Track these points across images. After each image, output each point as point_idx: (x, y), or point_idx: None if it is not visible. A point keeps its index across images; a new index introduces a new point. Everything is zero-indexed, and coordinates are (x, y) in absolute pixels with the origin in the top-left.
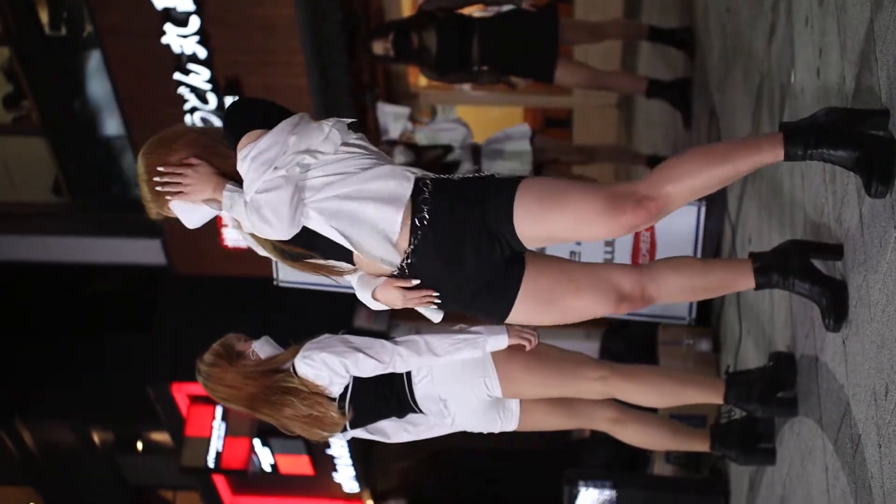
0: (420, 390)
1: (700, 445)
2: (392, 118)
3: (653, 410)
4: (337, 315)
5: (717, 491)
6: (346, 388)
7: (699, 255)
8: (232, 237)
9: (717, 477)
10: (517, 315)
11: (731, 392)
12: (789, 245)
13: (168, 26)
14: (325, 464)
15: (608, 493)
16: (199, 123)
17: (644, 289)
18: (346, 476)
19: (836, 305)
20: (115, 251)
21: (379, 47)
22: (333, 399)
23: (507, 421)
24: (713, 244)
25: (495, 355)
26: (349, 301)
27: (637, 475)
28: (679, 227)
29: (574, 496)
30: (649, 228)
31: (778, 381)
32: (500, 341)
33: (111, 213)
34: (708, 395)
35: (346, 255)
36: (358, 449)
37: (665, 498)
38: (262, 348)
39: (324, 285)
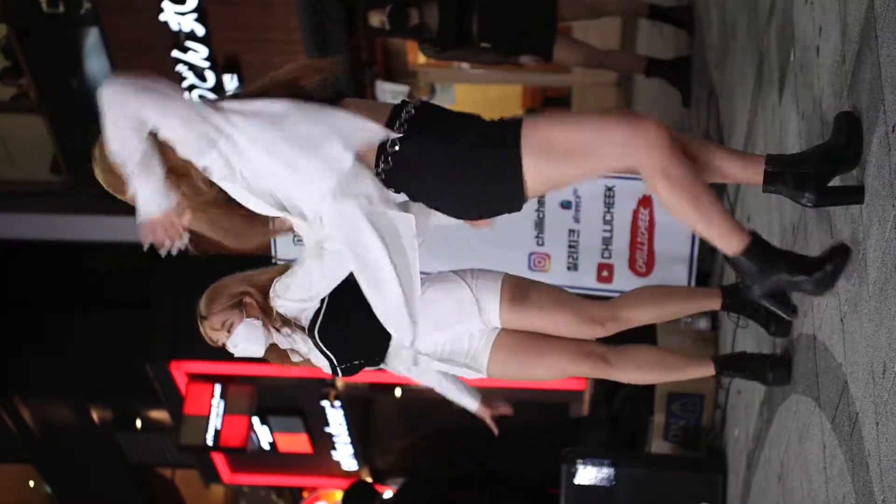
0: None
1: (703, 371)
2: (391, 96)
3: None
4: None
5: (714, 469)
6: (318, 313)
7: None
8: None
9: (714, 455)
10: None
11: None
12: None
13: (166, 3)
14: (323, 442)
15: (606, 472)
16: (196, 101)
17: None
18: (344, 454)
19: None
20: (113, 229)
21: (375, 19)
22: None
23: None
24: None
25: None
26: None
27: (635, 453)
28: None
29: (572, 474)
30: (648, 206)
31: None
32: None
33: None
34: (704, 303)
35: None
36: (356, 427)
37: (663, 476)
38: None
39: None
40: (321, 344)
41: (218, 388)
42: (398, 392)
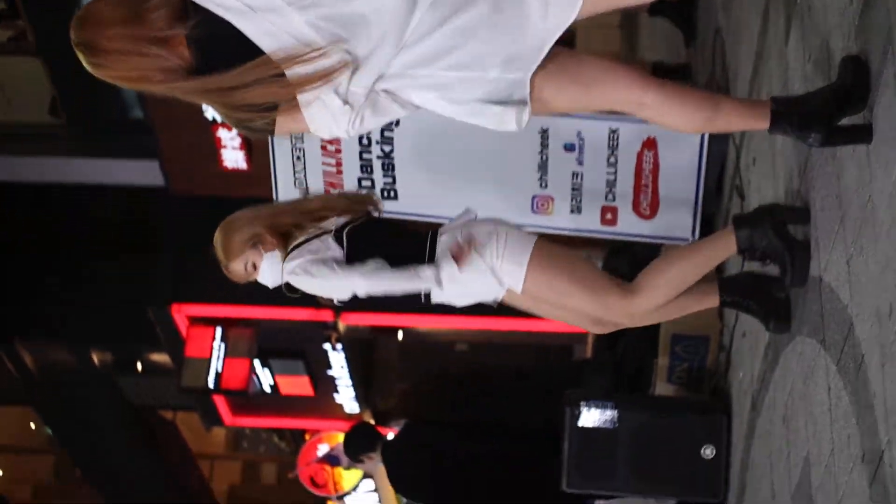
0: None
1: (710, 302)
2: None
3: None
4: None
5: (718, 411)
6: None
7: (702, 176)
8: (231, 158)
9: (718, 397)
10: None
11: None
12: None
13: None
14: (325, 385)
15: (609, 414)
16: None
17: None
18: (346, 397)
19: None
20: (112, 172)
21: None
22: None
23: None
24: (717, 165)
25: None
26: None
27: (638, 396)
28: (682, 148)
29: (576, 417)
30: (653, 149)
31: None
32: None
33: (109, 133)
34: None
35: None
36: (358, 370)
37: (666, 418)
38: None
39: None
40: None
41: (219, 330)
42: (400, 335)
